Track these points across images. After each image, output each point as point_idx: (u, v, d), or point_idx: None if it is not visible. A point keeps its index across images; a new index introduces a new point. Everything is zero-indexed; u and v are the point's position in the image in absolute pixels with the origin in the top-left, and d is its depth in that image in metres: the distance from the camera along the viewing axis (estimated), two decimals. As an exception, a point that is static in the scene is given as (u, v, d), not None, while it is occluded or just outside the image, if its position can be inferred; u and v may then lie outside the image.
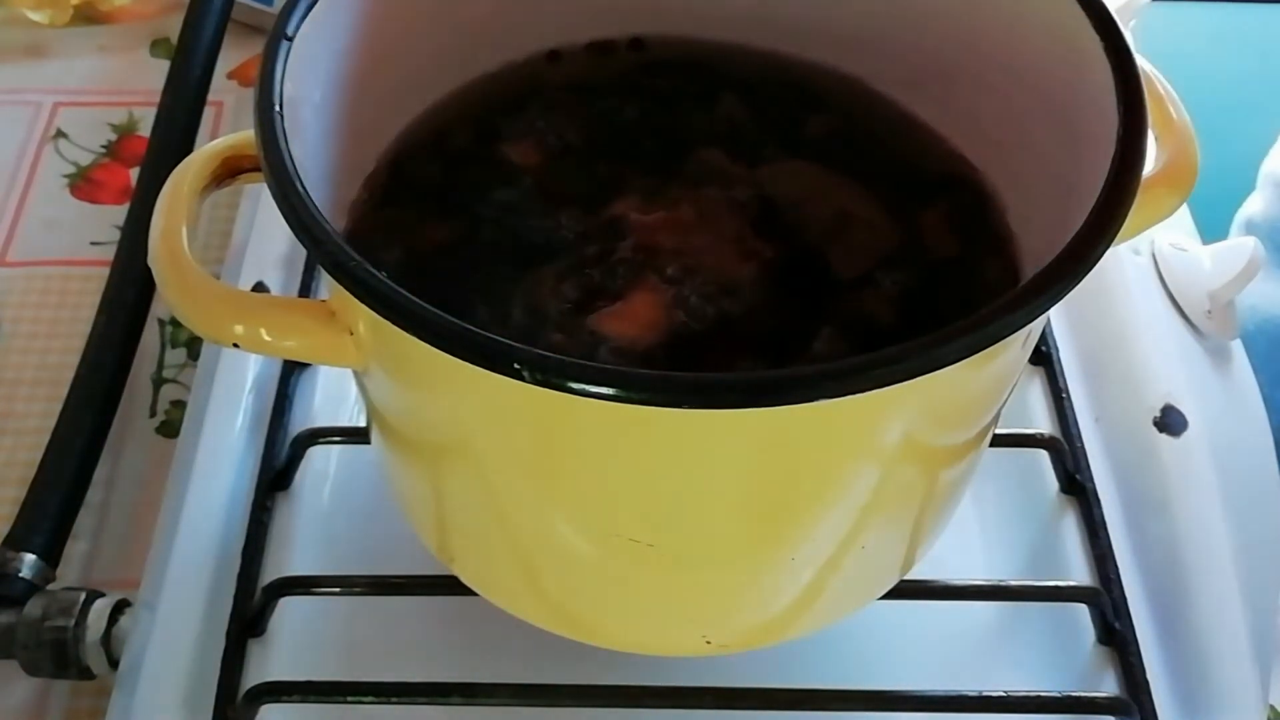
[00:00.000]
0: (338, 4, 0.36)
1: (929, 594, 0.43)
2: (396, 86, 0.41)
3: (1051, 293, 0.29)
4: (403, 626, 0.44)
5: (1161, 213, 0.36)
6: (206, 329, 0.33)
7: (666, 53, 0.45)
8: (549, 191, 0.40)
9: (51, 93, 0.73)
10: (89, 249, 0.65)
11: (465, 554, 0.39)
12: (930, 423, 0.33)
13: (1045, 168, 0.37)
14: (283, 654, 0.43)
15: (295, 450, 0.47)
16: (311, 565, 0.45)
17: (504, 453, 0.33)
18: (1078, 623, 0.44)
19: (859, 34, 0.43)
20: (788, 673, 0.41)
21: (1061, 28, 0.36)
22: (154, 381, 0.59)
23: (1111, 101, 0.33)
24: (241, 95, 0.72)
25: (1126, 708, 0.41)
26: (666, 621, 0.39)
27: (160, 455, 0.56)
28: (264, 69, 0.33)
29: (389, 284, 0.29)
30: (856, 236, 0.39)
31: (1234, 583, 0.44)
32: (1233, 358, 0.53)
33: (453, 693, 0.40)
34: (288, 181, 0.31)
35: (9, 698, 0.49)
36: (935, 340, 0.28)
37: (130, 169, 0.69)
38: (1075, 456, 0.47)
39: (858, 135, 0.43)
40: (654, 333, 0.36)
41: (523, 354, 0.27)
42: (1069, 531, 0.46)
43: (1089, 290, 0.38)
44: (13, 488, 0.54)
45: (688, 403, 0.27)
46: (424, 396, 0.34)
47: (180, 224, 0.34)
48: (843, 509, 0.34)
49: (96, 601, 0.46)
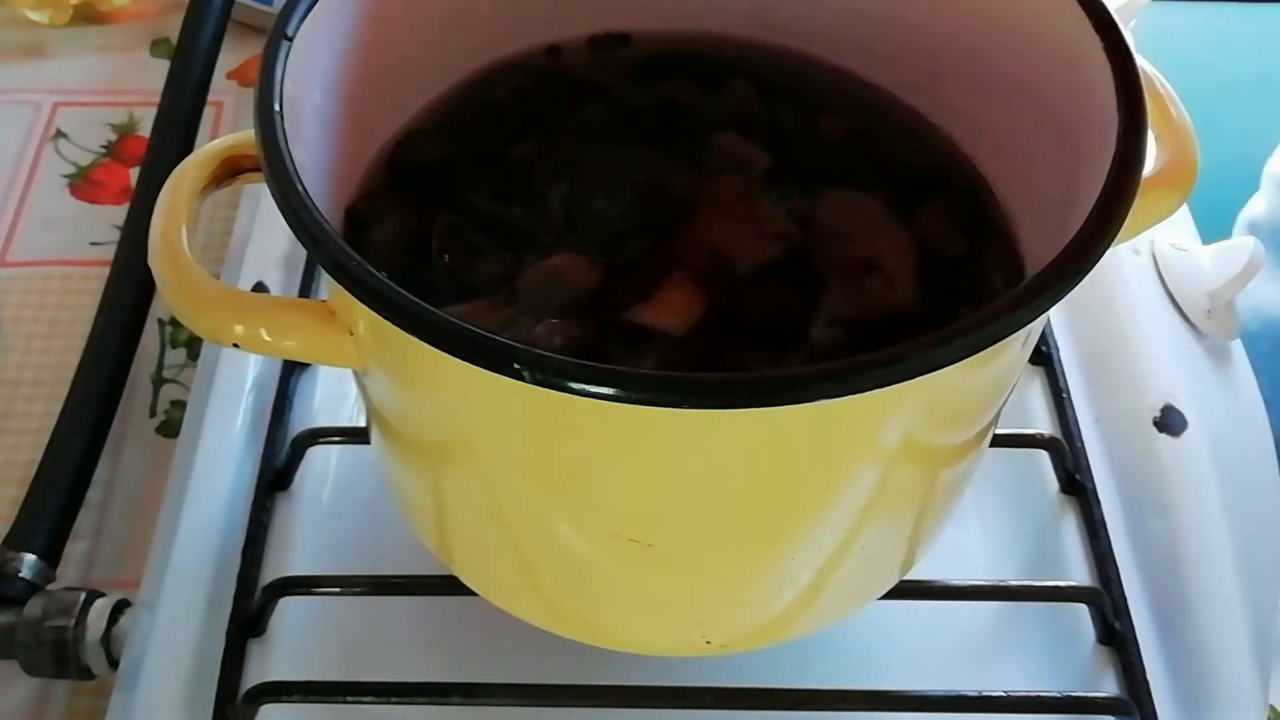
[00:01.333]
0: (337, 4, 0.36)
1: (929, 594, 0.43)
2: (396, 85, 0.41)
3: (1051, 293, 0.29)
4: (403, 626, 0.44)
5: (1161, 213, 0.36)
6: (206, 329, 0.33)
7: (666, 48, 0.45)
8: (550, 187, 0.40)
9: (51, 93, 0.73)
10: (89, 249, 0.65)
11: (465, 554, 0.39)
12: (930, 423, 0.33)
13: (1046, 167, 0.37)
14: (283, 654, 0.43)
15: (295, 450, 0.47)
16: (311, 565, 0.45)
17: (504, 453, 0.33)
18: (1078, 623, 0.44)
19: (859, 33, 0.43)
20: (788, 673, 0.41)
21: (1062, 28, 0.36)
22: (154, 381, 0.59)
23: (1111, 101, 0.33)
24: (241, 95, 0.72)
25: (1126, 708, 0.41)
26: (666, 621, 0.39)
27: (160, 455, 0.56)
28: (264, 69, 0.33)
29: (389, 284, 0.29)
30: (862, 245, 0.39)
31: (1234, 583, 0.44)
32: (1233, 358, 0.53)
33: (453, 693, 0.40)
34: (288, 181, 0.31)
35: (9, 698, 0.49)
36: (935, 340, 0.28)
37: (130, 169, 0.69)
38: (1075, 456, 0.47)
39: (859, 133, 0.43)
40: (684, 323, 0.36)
41: (523, 354, 0.27)
42: (1069, 531, 0.46)
43: (1089, 290, 0.38)
44: (13, 488, 0.54)
45: (688, 403, 0.27)
46: (424, 396, 0.34)
47: (180, 224, 0.34)
48: (843, 509, 0.34)
49: (96, 601, 0.46)
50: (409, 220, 0.39)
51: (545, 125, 0.42)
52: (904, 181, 0.41)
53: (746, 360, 0.35)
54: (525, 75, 0.44)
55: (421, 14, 0.41)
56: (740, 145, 0.41)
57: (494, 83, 0.44)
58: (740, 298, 0.37)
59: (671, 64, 0.44)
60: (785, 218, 0.39)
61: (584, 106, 0.43)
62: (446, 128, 0.42)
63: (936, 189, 0.41)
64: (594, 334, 0.36)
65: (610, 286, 0.37)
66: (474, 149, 0.42)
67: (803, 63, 0.44)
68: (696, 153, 0.41)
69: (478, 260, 0.38)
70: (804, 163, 0.42)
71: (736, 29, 0.44)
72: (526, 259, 0.38)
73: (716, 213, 0.39)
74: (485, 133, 0.42)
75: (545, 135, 0.42)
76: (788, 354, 0.36)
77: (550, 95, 0.43)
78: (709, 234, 0.39)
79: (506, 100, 0.43)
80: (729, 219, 0.39)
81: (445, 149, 0.41)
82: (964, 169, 0.41)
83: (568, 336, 0.35)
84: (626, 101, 0.43)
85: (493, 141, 0.42)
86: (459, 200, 0.40)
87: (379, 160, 0.41)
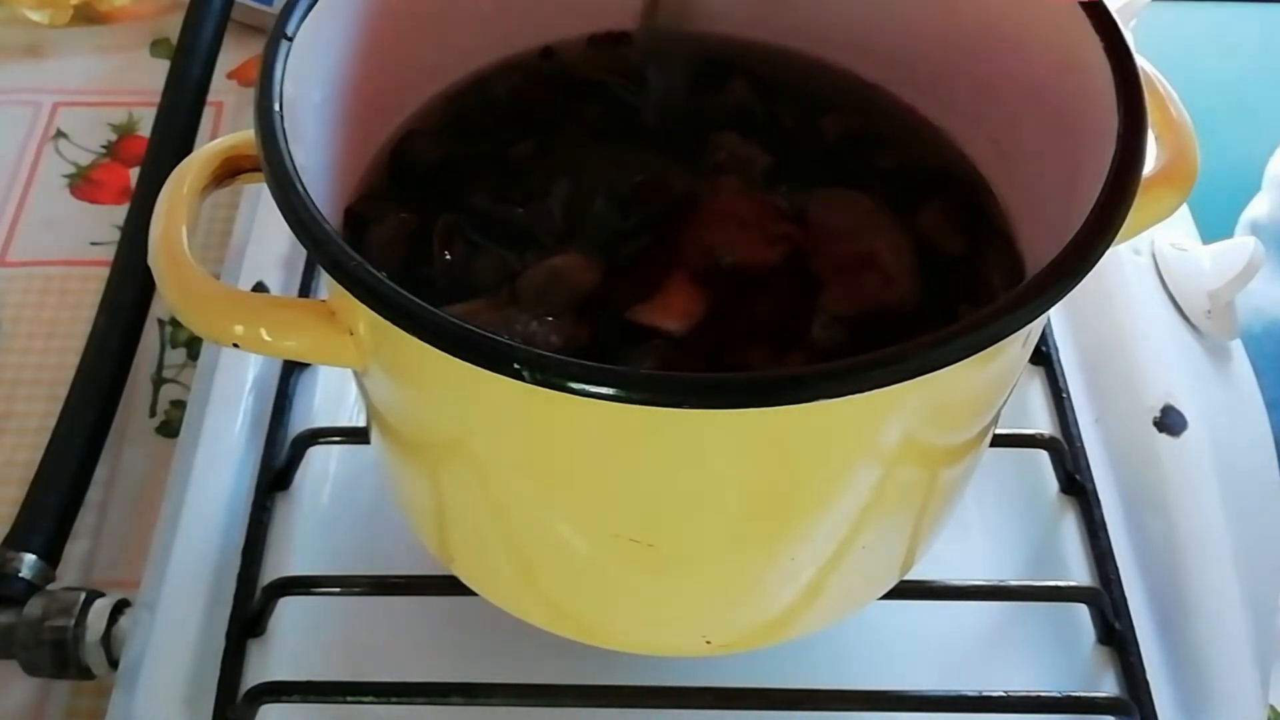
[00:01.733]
0: (337, 4, 0.36)
1: (929, 594, 0.43)
2: (396, 85, 0.41)
3: (1051, 293, 0.29)
4: (403, 626, 0.44)
5: (1161, 213, 0.36)
6: (207, 329, 0.33)
7: (666, 47, 0.45)
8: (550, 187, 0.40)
9: (51, 93, 0.72)
10: (89, 249, 0.65)
11: (465, 554, 0.39)
12: (930, 423, 0.33)
13: (1046, 167, 0.37)
14: (283, 654, 0.43)
15: (295, 450, 0.47)
16: (311, 565, 0.45)
17: (504, 453, 0.33)
18: (1078, 623, 0.44)
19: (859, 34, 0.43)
20: (787, 673, 0.41)
21: (1062, 28, 0.36)
22: (154, 381, 0.59)
23: (1111, 101, 0.33)
24: (241, 95, 0.72)
25: (1126, 708, 0.41)
26: (666, 621, 0.39)
27: (160, 455, 0.56)
28: (264, 69, 0.33)
29: (389, 284, 0.29)
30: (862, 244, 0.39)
31: (1234, 583, 0.44)
32: (1233, 358, 0.53)
33: (453, 693, 0.40)
34: (288, 181, 0.31)
35: (9, 698, 0.49)
36: (935, 340, 0.28)
37: (130, 169, 0.69)
38: (1075, 456, 0.47)
39: (860, 133, 0.43)
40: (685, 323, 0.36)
41: (523, 354, 0.27)
42: (1069, 531, 0.46)
43: (1089, 290, 0.38)
44: (13, 487, 0.54)
45: (688, 403, 0.27)
46: (424, 396, 0.34)
47: (180, 224, 0.34)
48: (843, 509, 0.34)
49: (96, 601, 0.46)
50: (409, 220, 0.39)
51: (545, 125, 0.42)
52: (904, 181, 0.41)
53: (746, 360, 0.35)
54: (525, 74, 0.44)
55: (421, 13, 0.41)
56: (740, 145, 0.41)
57: (494, 82, 0.44)
58: (741, 298, 0.37)
59: (671, 64, 0.44)
60: (786, 217, 0.39)
61: (584, 106, 0.43)
62: (446, 127, 0.42)
63: (936, 189, 0.41)
64: (594, 334, 0.36)
65: (610, 286, 0.37)
66: (474, 149, 0.42)
67: (803, 63, 0.44)
68: (697, 152, 0.41)
69: (477, 260, 0.38)
70: (804, 162, 0.42)
71: (737, 30, 0.44)
72: (527, 258, 0.38)
73: (717, 213, 0.39)
74: (485, 132, 0.42)
75: (545, 135, 0.42)
76: (787, 354, 0.36)
77: (550, 95, 0.43)
78: (709, 234, 0.39)
79: (506, 100, 0.43)
80: (729, 219, 0.39)
81: (445, 149, 0.41)
82: (964, 169, 0.41)
83: (567, 336, 0.35)
84: (626, 101, 0.43)
85: (493, 141, 0.42)
86: (459, 200, 0.40)
87: (379, 160, 0.41)
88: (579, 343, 0.35)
